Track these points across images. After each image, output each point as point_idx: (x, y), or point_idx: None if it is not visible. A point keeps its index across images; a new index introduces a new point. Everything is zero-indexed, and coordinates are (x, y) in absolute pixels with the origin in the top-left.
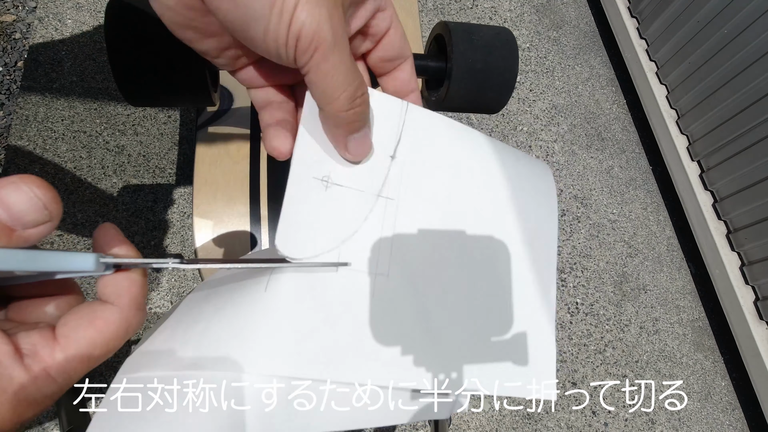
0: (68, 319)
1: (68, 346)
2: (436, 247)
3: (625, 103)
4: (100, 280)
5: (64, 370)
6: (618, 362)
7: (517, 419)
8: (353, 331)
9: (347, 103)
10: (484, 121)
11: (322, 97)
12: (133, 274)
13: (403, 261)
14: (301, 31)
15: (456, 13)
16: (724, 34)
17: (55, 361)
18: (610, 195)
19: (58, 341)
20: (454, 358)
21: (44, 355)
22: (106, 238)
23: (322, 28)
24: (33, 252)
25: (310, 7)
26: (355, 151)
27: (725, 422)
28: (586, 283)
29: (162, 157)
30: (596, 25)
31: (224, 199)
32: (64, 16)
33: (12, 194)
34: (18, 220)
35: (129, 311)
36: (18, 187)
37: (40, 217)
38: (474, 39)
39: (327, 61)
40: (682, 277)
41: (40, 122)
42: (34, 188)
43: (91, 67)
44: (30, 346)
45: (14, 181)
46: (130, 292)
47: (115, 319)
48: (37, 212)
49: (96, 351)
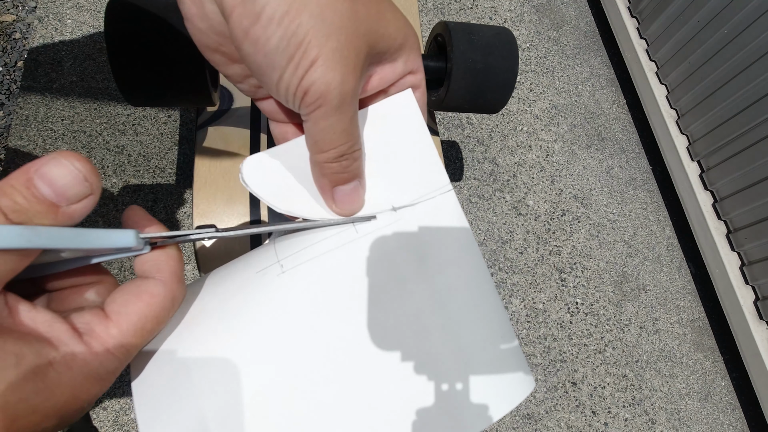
0: (115, 297)
1: (121, 322)
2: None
3: (625, 103)
4: (137, 260)
5: (121, 344)
6: (618, 362)
7: (517, 419)
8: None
9: (335, 157)
10: (484, 121)
11: (314, 146)
12: (169, 249)
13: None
14: (309, 88)
15: (456, 13)
16: (724, 34)
17: (111, 336)
18: (610, 195)
19: (110, 318)
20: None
21: (100, 331)
22: (135, 218)
23: (331, 91)
24: (78, 230)
25: (325, 68)
26: (341, 203)
27: (725, 422)
28: (586, 283)
29: (162, 157)
30: (596, 25)
31: (224, 199)
32: (64, 16)
33: (54, 169)
34: (62, 195)
35: (172, 283)
36: (59, 162)
37: (82, 191)
38: (474, 39)
39: (326, 119)
40: (682, 277)
41: (40, 122)
42: (75, 162)
43: (91, 67)
44: (85, 324)
45: (54, 157)
46: (170, 266)
47: (160, 291)
48: (79, 185)
49: (148, 324)
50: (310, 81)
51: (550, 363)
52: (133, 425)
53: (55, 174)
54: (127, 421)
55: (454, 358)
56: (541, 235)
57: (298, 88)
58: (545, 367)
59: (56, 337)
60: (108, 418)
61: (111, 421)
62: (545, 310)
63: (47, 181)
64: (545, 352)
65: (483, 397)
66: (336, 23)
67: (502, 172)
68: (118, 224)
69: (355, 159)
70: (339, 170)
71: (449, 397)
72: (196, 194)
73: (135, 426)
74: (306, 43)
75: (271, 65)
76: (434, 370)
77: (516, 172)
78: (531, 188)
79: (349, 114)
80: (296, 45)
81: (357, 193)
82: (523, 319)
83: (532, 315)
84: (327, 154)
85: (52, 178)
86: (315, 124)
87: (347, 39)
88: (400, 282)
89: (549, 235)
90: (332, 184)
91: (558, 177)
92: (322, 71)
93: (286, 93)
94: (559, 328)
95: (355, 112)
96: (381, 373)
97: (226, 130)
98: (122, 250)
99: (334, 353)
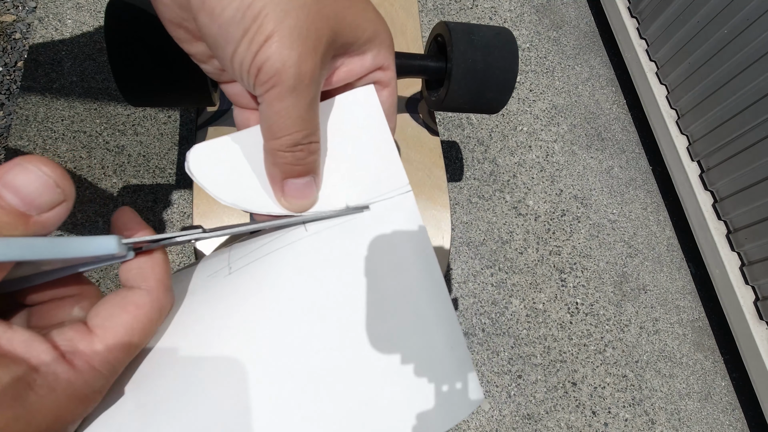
0: (99, 310)
1: (106, 337)
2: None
3: (625, 103)
4: (122, 267)
5: (106, 360)
6: (618, 362)
7: (517, 419)
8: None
9: (288, 145)
10: (484, 121)
11: (267, 131)
12: (155, 255)
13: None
14: (263, 64)
15: (456, 13)
16: (724, 34)
17: (96, 353)
18: (610, 195)
19: (94, 333)
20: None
21: (84, 348)
22: (123, 220)
23: (286, 70)
24: (53, 239)
25: (280, 45)
26: (291, 198)
27: (725, 422)
28: (586, 283)
29: (162, 157)
30: (596, 25)
31: None
32: (64, 16)
33: (19, 176)
34: (31, 204)
35: (158, 292)
36: (24, 167)
37: (54, 197)
38: (474, 39)
39: (281, 101)
40: (682, 277)
41: (40, 122)
42: (41, 167)
43: (91, 67)
44: (67, 342)
45: (19, 163)
46: (155, 273)
47: (146, 302)
48: (49, 192)
49: (134, 337)
50: (264, 57)
51: (550, 363)
52: None
53: (22, 181)
54: None
55: (394, 369)
56: (541, 235)
57: (252, 63)
58: (545, 367)
59: (36, 357)
60: None
61: None
62: (545, 310)
63: (13, 189)
64: (545, 352)
65: (422, 410)
66: (298, 4)
67: (502, 172)
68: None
69: (312, 152)
70: (292, 161)
71: (383, 410)
72: (196, 194)
73: None
74: (262, 16)
75: (225, 38)
76: (369, 382)
77: (516, 172)
78: (531, 188)
79: (306, 99)
80: (251, 18)
81: (310, 189)
82: (523, 319)
83: (532, 315)
84: (280, 140)
85: (18, 186)
86: (269, 106)
87: (308, 18)
88: (345, 286)
89: (549, 235)
90: (284, 175)
91: (558, 177)
92: (277, 47)
93: (240, 69)
94: (559, 328)
95: (314, 98)
96: (317, 381)
97: (226, 130)
98: (104, 258)
99: (275, 355)
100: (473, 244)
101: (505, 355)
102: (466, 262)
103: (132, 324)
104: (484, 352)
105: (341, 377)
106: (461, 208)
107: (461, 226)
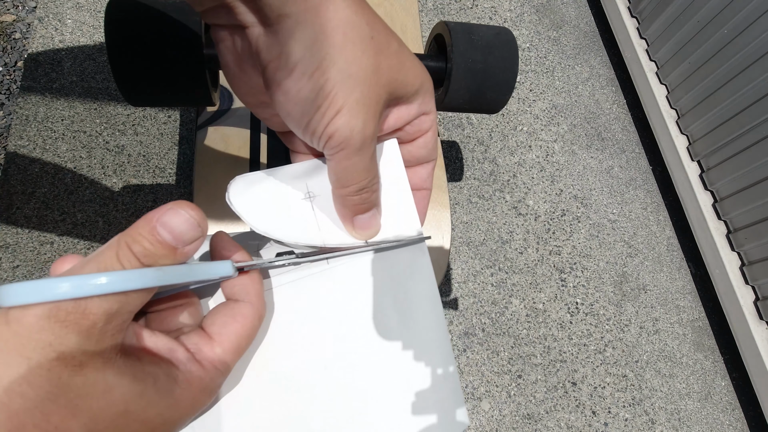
0: (214, 319)
1: (223, 341)
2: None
3: (625, 103)
4: (226, 283)
5: (223, 361)
6: (618, 362)
7: (517, 419)
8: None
9: (355, 191)
10: (484, 121)
11: (336, 182)
12: (254, 273)
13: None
14: (334, 134)
15: (456, 13)
16: (724, 34)
17: (216, 355)
18: (610, 195)
19: (213, 338)
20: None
21: (207, 351)
22: (222, 243)
23: (354, 136)
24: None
25: (349, 116)
26: (360, 229)
27: (725, 422)
28: (586, 283)
29: (162, 157)
30: (596, 25)
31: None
32: (64, 16)
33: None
34: (180, 239)
35: (258, 304)
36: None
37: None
38: (474, 39)
39: (349, 159)
40: (682, 277)
41: (40, 122)
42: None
43: (91, 67)
44: (194, 345)
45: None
46: (255, 289)
47: (251, 313)
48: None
49: (243, 342)
50: (335, 127)
51: (550, 363)
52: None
53: (175, 222)
54: None
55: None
56: (541, 235)
57: (324, 132)
58: (545, 367)
59: (176, 358)
60: None
61: None
62: (545, 310)
63: (168, 228)
64: (545, 352)
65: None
66: (360, 77)
67: (502, 172)
68: (118, 224)
69: (374, 191)
70: (359, 202)
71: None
72: (196, 194)
73: None
74: (333, 95)
75: (300, 112)
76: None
77: (516, 172)
78: (531, 188)
79: (368, 154)
80: (324, 96)
81: (375, 219)
82: (523, 319)
83: (532, 315)
84: (348, 189)
85: (172, 227)
86: (338, 164)
87: (369, 89)
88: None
89: (549, 235)
90: (353, 213)
91: (558, 177)
92: (346, 119)
93: (312, 136)
94: (559, 328)
95: (374, 151)
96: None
97: (226, 130)
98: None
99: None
100: (473, 244)
101: (505, 355)
102: (466, 262)
103: (241, 332)
104: (484, 352)
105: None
106: (461, 208)
107: (461, 226)
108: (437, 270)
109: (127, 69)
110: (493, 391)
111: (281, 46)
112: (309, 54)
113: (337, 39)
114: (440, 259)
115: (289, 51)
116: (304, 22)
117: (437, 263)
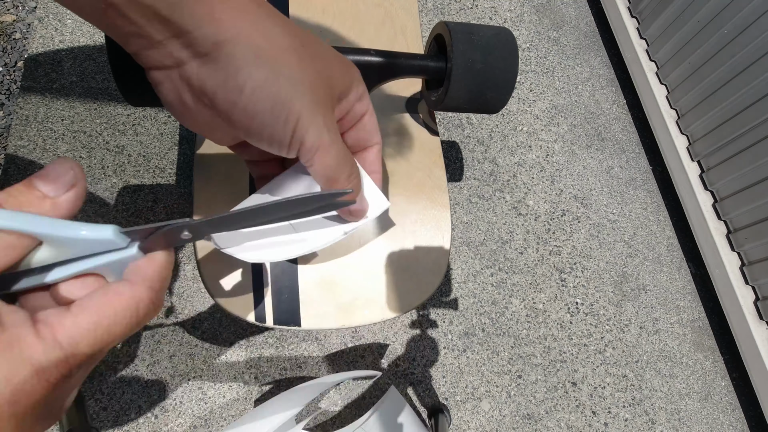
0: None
1: (78, 314)
2: None
3: (625, 103)
4: (128, 266)
5: (69, 335)
6: (618, 362)
7: (516, 419)
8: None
9: (346, 181)
10: (484, 121)
11: (326, 181)
12: (154, 255)
13: None
14: (304, 139)
15: (456, 13)
16: (724, 34)
17: (63, 326)
18: (610, 195)
19: (70, 310)
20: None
21: (53, 320)
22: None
23: (323, 135)
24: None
25: (310, 119)
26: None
27: (725, 422)
28: (586, 283)
29: (162, 157)
30: (596, 25)
31: (224, 199)
32: (64, 16)
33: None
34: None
35: (139, 286)
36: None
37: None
38: (474, 39)
39: (328, 155)
40: (682, 277)
41: (40, 122)
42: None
43: (91, 67)
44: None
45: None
46: (145, 271)
47: (125, 292)
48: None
49: (104, 320)
50: (301, 133)
51: (550, 363)
52: (134, 425)
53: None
54: (127, 420)
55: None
56: (541, 235)
57: (292, 141)
58: (545, 367)
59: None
60: (108, 418)
61: (111, 421)
62: (545, 310)
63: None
64: (545, 352)
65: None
66: (306, 82)
67: (502, 172)
68: (118, 225)
69: (359, 176)
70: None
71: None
72: (196, 194)
73: (135, 426)
74: (289, 102)
75: (260, 125)
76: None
77: (516, 172)
78: (531, 188)
79: (340, 142)
80: (281, 106)
81: (364, 200)
82: (523, 319)
83: (532, 315)
84: (339, 182)
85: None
86: (321, 163)
87: (318, 91)
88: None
89: (549, 235)
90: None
91: (558, 177)
92: (308, 122)
93: (280, 146)
94: (559, 328)
95: (341, 139)
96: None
97: None
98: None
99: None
100: (473, 244)
101: (505, 355)
102: (466, 262)
103: (104, 308)
104: (484, 352)
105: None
106: (461, 208)
107: (461, 226)
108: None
109: (127, 69)
110: (493, 391)
111: (225, 71)
112: (255, 70)
113: (274, 52)
114: (440, 259)
115: (235, 72)
116: (241, 44)
117: (437, 263)
